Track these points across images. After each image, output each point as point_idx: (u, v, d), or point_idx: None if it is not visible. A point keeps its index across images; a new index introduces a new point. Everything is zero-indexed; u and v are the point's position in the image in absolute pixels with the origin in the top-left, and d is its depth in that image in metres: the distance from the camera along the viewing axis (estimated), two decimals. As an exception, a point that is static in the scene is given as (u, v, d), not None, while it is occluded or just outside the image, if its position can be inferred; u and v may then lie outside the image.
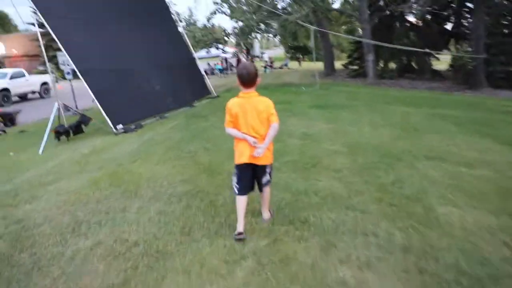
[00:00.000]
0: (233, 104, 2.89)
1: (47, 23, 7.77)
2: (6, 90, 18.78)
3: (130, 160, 5.65)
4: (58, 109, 8.49)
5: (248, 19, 15.56)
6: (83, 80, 8.04)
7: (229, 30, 17.33)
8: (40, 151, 7.41)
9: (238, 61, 31.88)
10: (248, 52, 43.65)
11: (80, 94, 12.38)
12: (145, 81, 10.30)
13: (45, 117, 8.99)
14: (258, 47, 48.89)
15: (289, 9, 16.63)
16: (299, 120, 7.60)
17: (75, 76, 9.59)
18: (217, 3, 16.61)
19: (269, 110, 2.85)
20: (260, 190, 3.14)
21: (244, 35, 16.33)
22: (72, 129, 8.29)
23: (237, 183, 3.00)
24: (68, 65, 10.79)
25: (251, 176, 3.04)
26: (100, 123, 8.53)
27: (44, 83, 21.53)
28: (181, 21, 17.69)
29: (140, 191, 4.22)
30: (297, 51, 41.48)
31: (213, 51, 19.27)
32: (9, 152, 7.99)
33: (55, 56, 13.03)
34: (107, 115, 8.21)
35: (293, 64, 35.72)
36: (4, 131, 11.69)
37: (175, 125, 8.39)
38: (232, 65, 33.47)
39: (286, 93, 13.35)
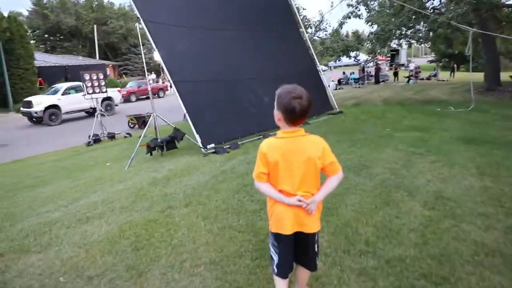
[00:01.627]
0: (271, 147, 1.98)
1: (148, 30, 7.24)
2: (55, 107, 16.95)
3: (184, 202, 4.41)
4: (154, 121, 7.99)
5: (385, 22, 13.01)
6: (176, 93, 7.27)
7: (363, 36, 14.94)
8: (126, 166, 6.94)
9: (378, 70, 28.77)
10: (392, 60, 39.49)
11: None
12: (252, 94, 9.13)
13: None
14: (404, 54, 44.05)
15: (443, 9, 13.39)
16: (433, 164, 5.14)
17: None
18: (351, 5, 14.48)
19: (327, 157, 1.98)
20: (307, 267, 2.20)
21: (380, 41, 13.80)
22: (164, 144, 7.66)
23: (278, 260, 2.08)
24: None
25: (294, 251, 2.11)
26: (194, 139, 7.69)
27: (107, 99, 18.68)
28: (309, 26, 16.20)
29: (147, 273, 2.83)
30: (451, 59, 35.49)
31: (345, 59, 17.16)
32: (108, 161, 7.88)
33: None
34: (197, 132, 7.25)
35: (445, 75, 30.46)
36: (130, 134, 12.25)
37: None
38: (369, 75, 30.46)
39: (426, 113, 10.46)
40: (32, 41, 37.33)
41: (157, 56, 7.43)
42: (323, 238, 3.07)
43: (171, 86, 34.38)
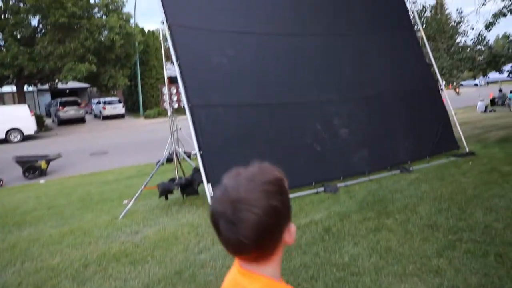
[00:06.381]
0: None
1: (172, 37, 5.43)
2: None
3: None
4: (175, 154, 6.14)
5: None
6: (190, 122, 5.20)
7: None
8: (121, 215, 5.28)
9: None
10: None
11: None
12: (321, 123, 6.44)
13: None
14: None
15: None
16: None
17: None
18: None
19: None
20: None
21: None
22: (178, 188, 5.71)
23: None
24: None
25: None
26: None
27: (12, 130, 14.09)
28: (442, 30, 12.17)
29: None
30: None
31: (493, 74, 12.46)
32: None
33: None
34: (210, 180, 5.02)
35: None
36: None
37: (307, 225, 4.23)
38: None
39: None
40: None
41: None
42: None
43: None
